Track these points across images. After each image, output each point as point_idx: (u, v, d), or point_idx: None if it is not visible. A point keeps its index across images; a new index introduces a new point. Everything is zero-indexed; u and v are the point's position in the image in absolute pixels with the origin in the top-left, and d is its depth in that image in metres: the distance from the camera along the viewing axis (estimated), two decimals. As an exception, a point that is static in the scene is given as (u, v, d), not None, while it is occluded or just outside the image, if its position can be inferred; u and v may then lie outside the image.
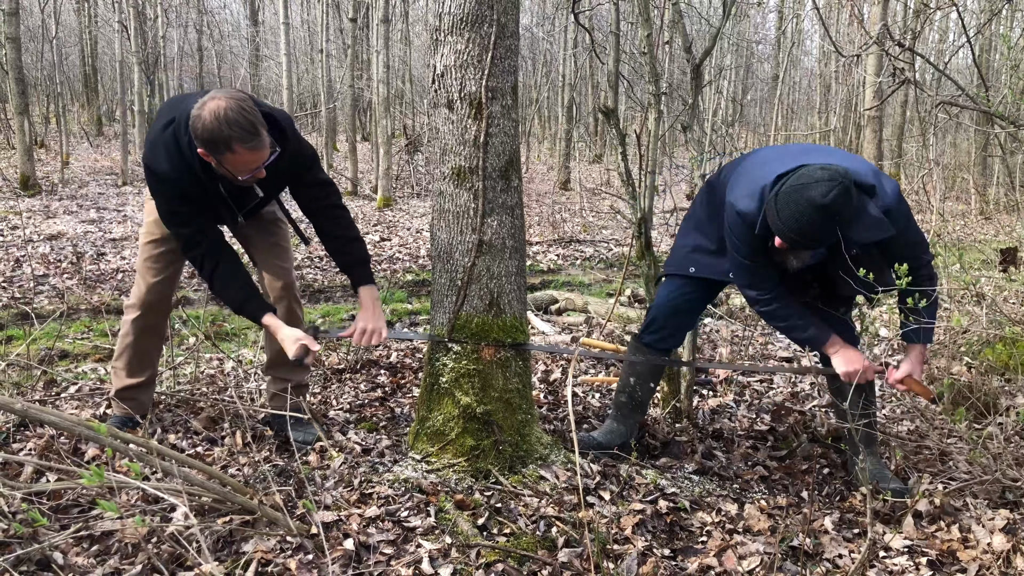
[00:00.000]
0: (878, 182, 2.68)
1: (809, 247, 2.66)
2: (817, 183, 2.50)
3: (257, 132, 2.58)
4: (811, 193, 2.49)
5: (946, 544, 2.64)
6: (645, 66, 3.86)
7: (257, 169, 2.68)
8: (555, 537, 2.54)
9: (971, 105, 4.53)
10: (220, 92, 2.61)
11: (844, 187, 2.49)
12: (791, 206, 2.53)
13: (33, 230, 9.52)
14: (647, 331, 3.26)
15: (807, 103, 27.11)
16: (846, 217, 2.53)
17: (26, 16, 19.11)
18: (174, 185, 2.76)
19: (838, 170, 2.52)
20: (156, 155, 2.74)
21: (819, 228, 2.52)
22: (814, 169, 2.55)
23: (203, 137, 2.56)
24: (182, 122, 2.68)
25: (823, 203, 2.47)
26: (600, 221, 13.02)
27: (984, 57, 18.08)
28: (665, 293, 3.22)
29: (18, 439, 3.09)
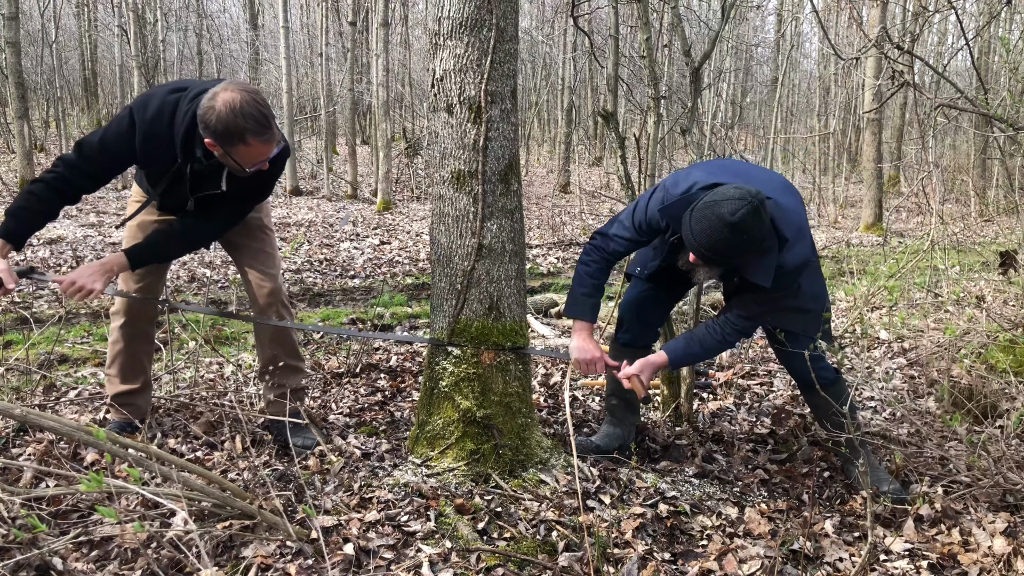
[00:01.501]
0: (794, 240, 2.70)
1: (717, 263, 2.70)
2: (728, 200, 2.53)
3: (270, 125, 2.60)
4: (721, 210, 2.52)
5: (947, 547, 2.64)
6: (644, 69, 3.87)
7: (263, 162, 2.69)
8: (555, 541, 2.53)
9: (970, 108, 4.53)
10: (232, 84, 2.61)
11: (753, 207, 2.51)
12: (702, 221, 2.57)
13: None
14: (619, 331, 3.34)
15: (806, 105, 27.14)
16: (755, 240, 2.56)
17: (26, 20, 19.14)
18: (140, 136, 2.71)
19: (750, 191, 2.55)
20: (146, 106, 2.71)
21: (724, 245, 2.55)
22: (732, 187, 2.59)
23: (216, 128, 2.55)
24: (189, 95, 2.68)
25: (731, 220, 2.50)
26: (600, 224, 13.02)
27: (983, 60, 18.10)
28: (630, 293, 3.31)
29: (18, 444, 3.08)
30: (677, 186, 2.78)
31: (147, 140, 2.73)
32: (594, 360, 2.97)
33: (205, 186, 2.88)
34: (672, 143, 15.32)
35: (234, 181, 2.84)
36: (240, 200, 2.96)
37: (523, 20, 24.76)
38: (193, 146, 2.71)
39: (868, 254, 10.12)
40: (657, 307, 3.31)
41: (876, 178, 13.27)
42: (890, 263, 7.33)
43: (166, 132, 2.71)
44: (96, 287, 2.81)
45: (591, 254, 3.02)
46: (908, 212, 15.60)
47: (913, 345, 5.24)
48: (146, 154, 2.78)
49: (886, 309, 5.97)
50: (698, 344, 2.94)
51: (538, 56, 24.64)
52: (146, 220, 3.08)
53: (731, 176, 2.75)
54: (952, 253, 7.88)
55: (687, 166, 3.14)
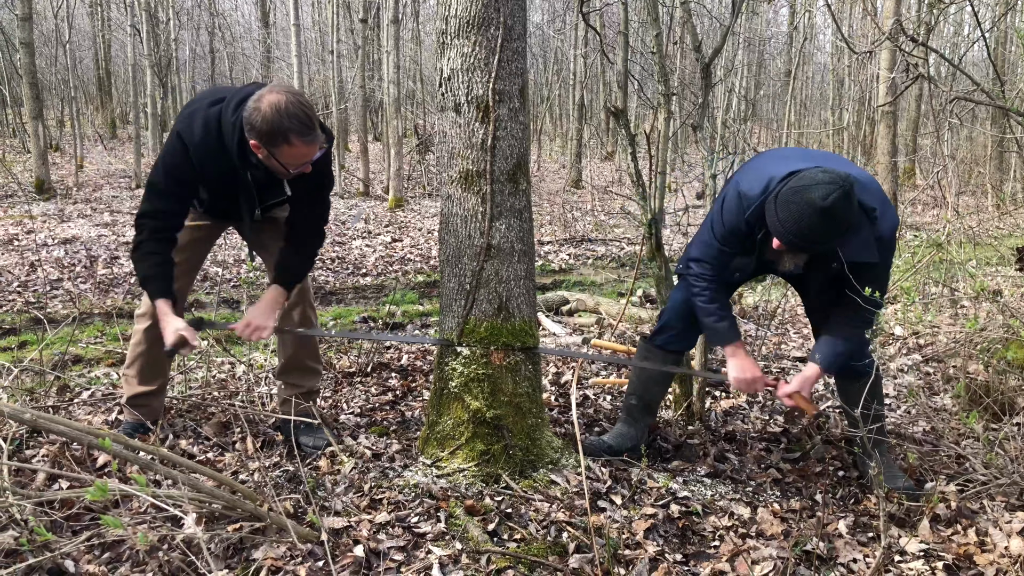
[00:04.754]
0: (882, 209, 2.67)
1: (805, 249, 2.64)
2: (817, 185, 2.48)
3: (313, 126, 2.62)
4: (811, 195, 2.47)
5: (963, 548, 2.61)
6: (655, 65, 3.84)
7: (306, 164, 2.71)
8: (566, 543, 2.52)
9: (986, 101, 4.47)
10: (276, 87, 2.65)
11: (844, 191, 2.47)
12: (790, 207, 2.52)
13: (47, 234, 9.59)
14: (659, 333, 3.24)
15: (820, 98, 26.95)
16: (845, 223, 2.52)
17: (40, 21, 19.27)
18: (193, 156, 2.74)
19: (840, 174, 2.51)
20: (193, 125, 2.74)
21: (817, 230, 2.50)
22: (817, 172, 2.53)
23: (261, 128, 2.58)
24: (232, 104, 2.70)
25: (823, 205, 2.45)
26: (612, 220, 12.98)
27: (999, 51, 17.90)
28: (679, 294, 3.18)
29: (31, 445, 3.10)
30: (753, 187, 2.71)
31: (202, 157, 2.75)
32: (756, 380, 2.92)
33: (270, 194, 2.92)
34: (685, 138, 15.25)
35: (293, 184, 2.87)
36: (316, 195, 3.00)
37: (534, 15, 24.74)
38: (247, 154, 2.73)
39: (883, 248, 10.01)
40: None
41: (891, 171, 13.12)
42: (905, 257, 7.26)
43: (217, 144, 2.73)
44: (269, 324, 2.98)
45: (697, 284, 2.94)
46: (924, 205, 15.46)
47: (929, 341, 5.19)
48: (205, 170, 2.80)
49: (901, 304, 5.91)
50: (843, 342, 2.85)
51: (549, 51, 24.60)
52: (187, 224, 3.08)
53: (801, 162, 2.69)
54: (968, 247, 7.80)
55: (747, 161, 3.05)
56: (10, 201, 12.24)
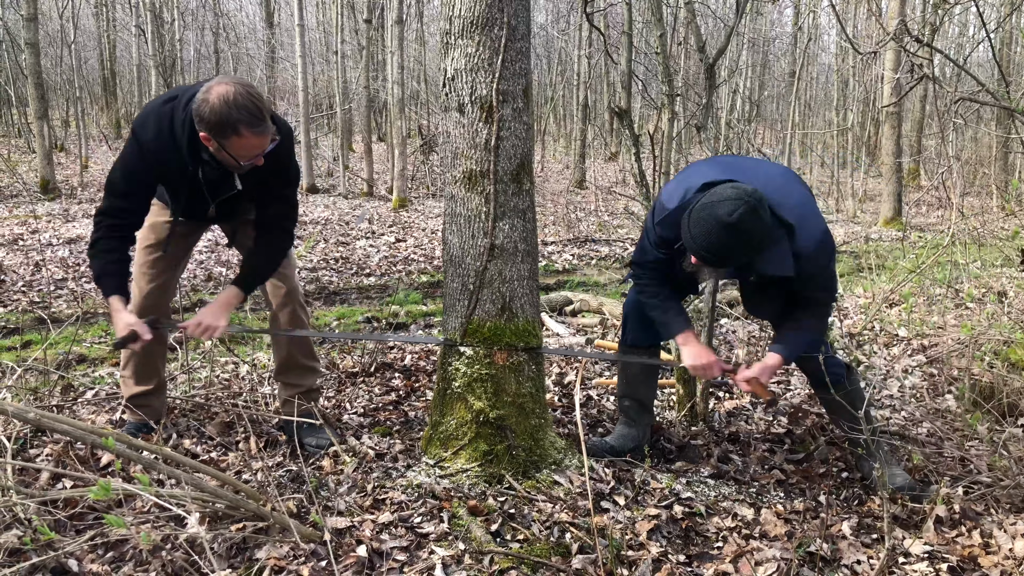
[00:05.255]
0: (801, 223, 2.67)
1: (717, 265, 2.66)
2: (724, 201, 2.50)
3: (263, 117, 2.61)
4: (718, 211, 2.49)
5: (967, 550, 2.60)
6: (659, 66, 3.84)
7: (258, 155, 2.69)
8: (569, 543, 2.52)
9: (991, 101, 4.46)
10: (226, 78, 2.63)
11: (750, 207, 2.48)
12: (700, 223, 2.54)
13: (52, 234, 9.61)
14: (624, 331, 3.33)
15: (824, 99, 26.91)
16: (755, 238, 2.53)
17: (45, 21, 19.31)
18: (149, 155, 2.76)
19: (748, 190, 2.52)
20: (146, 124, 2.75)
21: (725, 246, 2.52)
22: (727, 187, 2.55)
23: (209, 120, 2.57)
24: (182, 102, 2.70)
25: (728, 221, 2.47)
26: (616, 220, 12.97)
27: (1004, 51, 17.87)
28: (630, 294, 3.27)
29: (35, 444, 3.10)
30: (671, 198, 2.77)
31: (156, 155, 2.76)
32: (710, 364, 2.95)
33: (221, 190, 2.91)
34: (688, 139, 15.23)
35: (247, 179, 2.85)
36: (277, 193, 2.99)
37: (538, 16, 24.75)
38: (199, 150, 2.73)
39: (887, 249, 10.02)
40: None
41: (895, 172, 13.14)
42: (909, 258, 7.25)
43: (170, 142, 2.73)
44: (221, 323, 2.95)
45: (640, 281, 3.03)
46: (928, 206, 15.43)
47: (932, 342, 5.17)
48: (161, 169, 2.81)
49: (905, 306, 5.90)
50: (806, 331, 2.90)
51: (553, 52, 24.59)
52: (159, 221, 3.10)
53: (724, 173, 2.72)
54: (973, 248, 7.78)
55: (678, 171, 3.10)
56: (15, 201, 12.28)
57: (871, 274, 7.38)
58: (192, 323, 2.94)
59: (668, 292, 3.03)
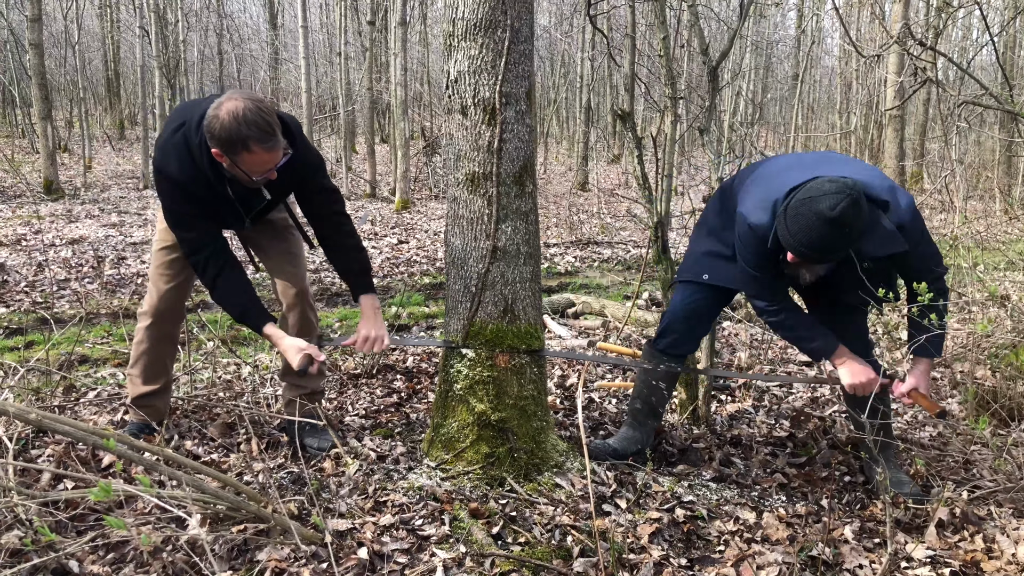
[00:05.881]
0: (892, 197, 2.64)
1: (821, 261, 2.63)
2: (825, 196, 2.46)
3: (274, 132, 2.60)
4: (820, 206, 2.46)
5: (970, 554, 2.59)
6: (662, 68, 3.83)
7: (270, 170, 2.69)
8: (570, 546, 2.51)
9: (995, 105, 4.45)
10: (236, 93, 2.63)
11: (852, 199, 2.45)
12: (800, 220, 2.50)
13: (55, 234, 9.62)
14: (661, 337, 3.24)
15: (828, 102, 26.89)
16: (857, 230, 2.50)
17: (49, 22, 19.36)
18: (183, 188, 2.77)
19: (847, 182, 2.49)
20: (167, 158, 2.76)
21: (829, 241, 2.49)
22: (823, 182, 2.52)
23: (220, 137, 2.57)
24: (193, 125, 2.70)
25: (832, 216, 2.44)
26: (618, 222, 12.97)
27: (1008, 55, 17.84)
28: (679, 299, 3.18)
29: (37, 445, 3.10)
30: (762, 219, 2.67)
31: (186, 186, 2.77)
32: (871, 381, 2.87)
33: (252, 202, 2.92)
34: (691, 142, 15.21)
35: (274, 185, 2.86)
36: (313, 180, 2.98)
37: (541, 18, 24.75)
38: (220, 168, 2.73)
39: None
40: (711, 315, 3.23)
41: (898, 175, 13.11)
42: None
43: (193, 169, 2.74)
44: (384, 332, 3.02)
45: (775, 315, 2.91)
46: (931, 210, 15.38)
47: (936, 346, 5.15)
48: (193, 197, 2.81)
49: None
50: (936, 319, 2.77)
51: (556, 54, 24.60)
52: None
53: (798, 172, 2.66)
54: (976, 251, 7.76)
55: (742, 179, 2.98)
56: (18, 201, 12.30)
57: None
58: (360, 339, 2.99)
59: (804, 316, 2.93)
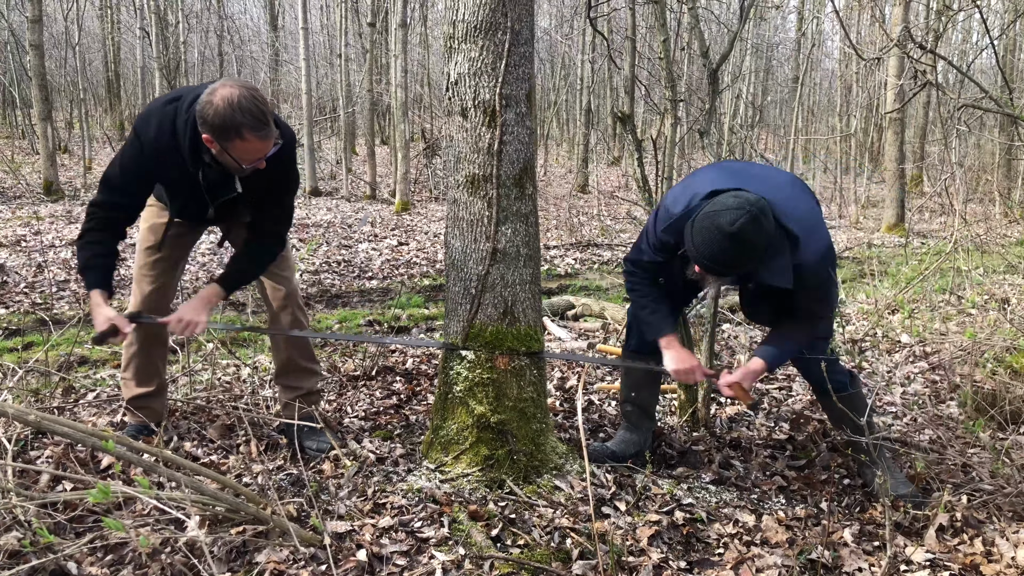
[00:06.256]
0: (805, 234, 2.65)
1: (720, 274, 2.65)
2: (727, 211, 2.49)
3: (267, 121, 2.60)
4: (720, 220, 2.48)
5: (969, 558, 2.59)
6: (662, 71, 3.83)
7: (260, 159, 2.69)
8: (570, 549, 2.51)
9: (994, 108, 4.45)
10: (230, 81, 2.63)
11: (752, 216, 2.46)
12: (703, 232, 2.53)
13: (55, 235, 9.62)
14: (628, 338, 3.30)
15: (828, 105, 26.91)
16: (758, 247, 2.52)
17: (50, 23, 19.37)
18: (150, 155, 2.75)
19: (750, 199, 2.50)
20: (148, 123, 2.75)
21: (728, 256, 2.51)
22: (728, 196, 2.54)
23: (213, 122, 2.56)
24: (185, 103, 2.70)
25: (730, 231, 2.46)
26: (618, 225, 12.97)
27: (1008, 58, 17.86)
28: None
29: (36, 446, 3.10)
30: (676, 203, 2.75)
31: (156, 155, 2.76)
32: (692, 369, 2.93)
33: (220, 192, 2.90)
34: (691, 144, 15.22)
35: (247, 182, 2.85)
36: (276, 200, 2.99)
37: (542, 20, 24.76)
38: (200, 151, 2.73)
39: (890, 255, 10.01)
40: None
41: (898, 178, 13.12)
42: (912, 265, 7.24)
43: (171, 142, 2.73)
44: (201, 319, 2.92)
45: (631, 279, 3.02)
46: (931, 213, 15.41)
47: (935, 349, 5.16)
48: (160, 168, 2.80)
49: (907, 312, 5.89)
50: (790, 339, 2.90)
51: (557, 56, 24.62)
52: (158, 223, 3.10)
53: (731, 180, 2.70)
54: (975, 255, 7.77)
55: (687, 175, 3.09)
56: (18, 202, 12.30)
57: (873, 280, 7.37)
58: (173, 318, 2.92)
59: (657, 294, 3.01)
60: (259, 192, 2.93)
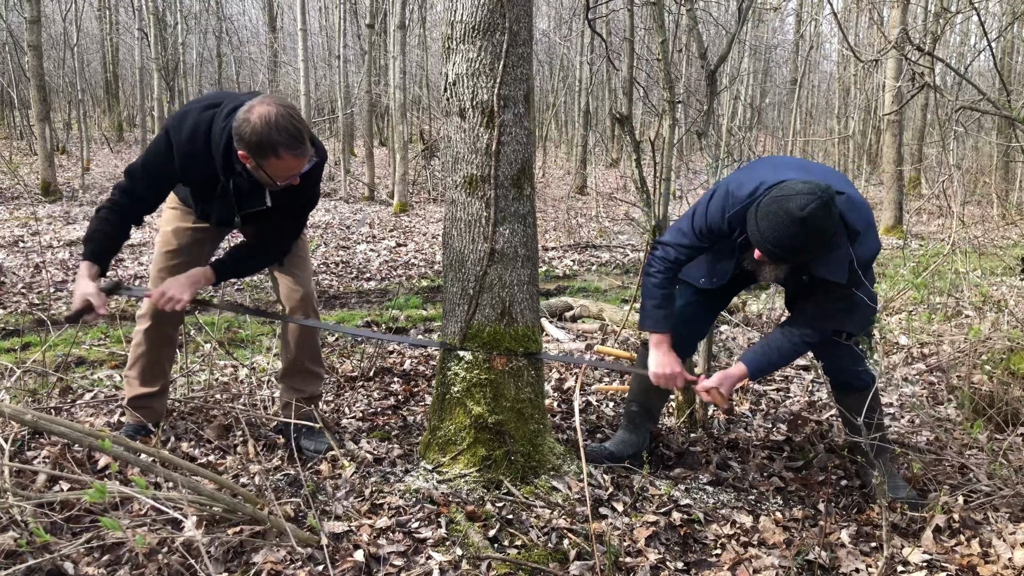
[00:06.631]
0: (865, 233, 2.65)
1: (784, 260, 2.62)
2: (797, 195, 2.46)
3: (303, 140, 2.62)
4: (789, 204, 2.45)
5: (966, 559, 2.59)
6: (660, 72, 3.84)
7: (294, 176, 2.70)
8: (567, 550, 2.51)
9: (992, 110, 4.46)
10: (269, 98, 2.64)
11: (823, 202, 2.45)
12: (769, 216, 2.50)
13: (53, 236, 9.62)
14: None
15: (826, 107, 26.94)
16: (825, 234, 2.50)
17: (48, 24, 19.35)
18: (179, 159, 2.76)
19: (820, 185, 2.48)
20: (183, 126, 2.75)
21: (794, 240, 2.48)
22: (796, 182, 2.52)
23: (250, 140, 2.57)
24: (224, 111, 2.70)
25: (800, 215, 2.44)
26: (616, 226, 12.98)
27: (1006, 61, 17.89)
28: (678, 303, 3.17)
29: (33, 447, 3.10)
30: (742, 188, 2.68)
31: (186, 158, 2.76)
32: (674, 375, 2.90)
33: (249, 202, 2.91)
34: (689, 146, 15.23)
35: (277, 196, 2.86)
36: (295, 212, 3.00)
37: (541, 22, 24.78)
38: (232, 162, 2.73)
39: (888, 257, 10.01)
40: (706, 319, 3.21)
41: (896, 180, 13.14)
42: (910, 266, 7.25)
43: (203, 149, 2.74)
44: (184, 297, 2.88)
45: (654, 264, 2.92)
46: (929, 215, 15.43)
47: (933, 350, 5.17)
48: (187, 172, 2.81)
49: (906, 313, 5.90)
50: (776, 351, 2.86)
51: (555, 58, 24.63)
52: (180, 227, 3.12)
53: (796, 172, 2.67)
54: (973, 257, 7.77)
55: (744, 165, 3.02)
56: (16, 203, 12.29)
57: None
58: (156, 292, 2.89)
59: (672, 287, 2.95)
60: (285, 203, 2.95)
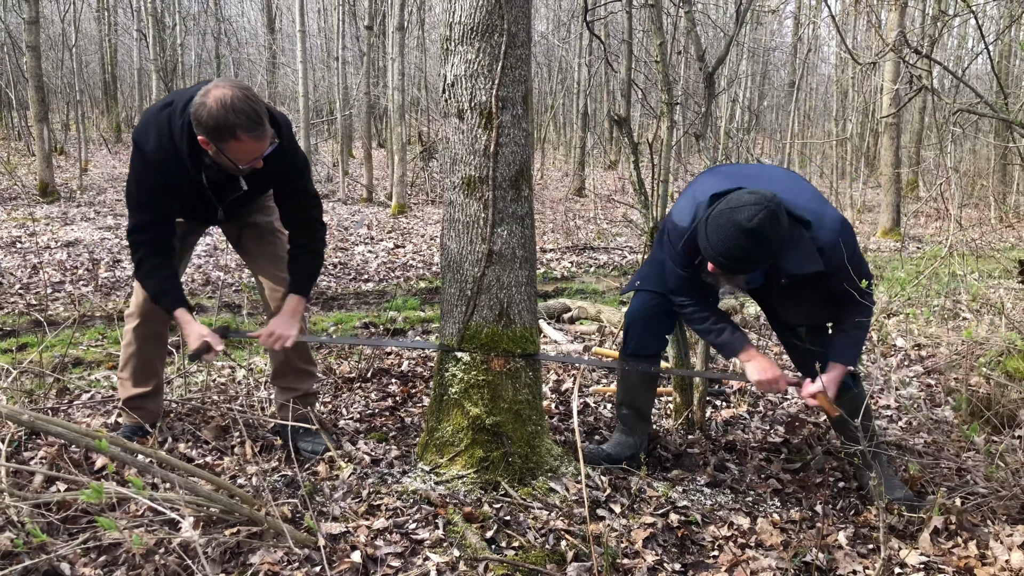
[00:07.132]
0: (816, 217, 2.66)
1: (737, 271, 2.65)
2: (744, 207, 2.48)
3: (261, 121, 2.60)
4: (737, 217, 2.48)
5: (963, 561, 2.59)
6: (658, 74, 3.84)
7: (256, 159, 2.69)
8: (564, 551, 2.51)
9: (989, 113, 4.47)
10: (224, 81, 2.63)
11: (770, 211, 2.47)
12: (718, 230, 2.53)
13: (50, 237, 9.60)
14: (627, 341, 3.27)
15: (824, 109, 26.95)
16: (775, 243, 2.52)
17: (47, 25, 19.33)
18: (154, 166, 2.76)
19: (766, 195, 2.51)
20: (147, 134, 2.76)
21: (745, 252, 2.51)
22: (743, 193, 2.54)
23: (207, 124, 2.56)
24: (179, 107, 2.70)
25: (748, 227, 2.46)
26: (614, 228, 12.98)
27: (1003, 64, 17.93)
28: (638, 302, 3.22)
29: (29, 447, 3.09)
30: (683, 217, 2.75)
31: (160, 164, 2.76)
32: (776, 379, 2.90)
33: (226, 191, 2.90)
34: (687, 148, 15.23)
35: (252, 178, 2.85)
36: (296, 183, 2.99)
37: (539, 24, 24.80)
38: (199, 154, 2.72)
39: (886, 260, 10.02)
40: (668, 316, 3.23)
41: (894, 183, 13.16)
42: (908, 269, 7.26)
43: (171, 150, 2.73)
44: (292, 332, 3.03)
45: (684, 310, 2.99)
46: (926, 217, 15.45)
47: (930, 353, 5.17)
48: (165, 177, 2.80)
49: (903, 316, 5.90)
50: (854, 341, 2.88)
51: (554, 60, 24.64)
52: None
53: (728, 182, 2.70)
54: (971, 259, 7.78)
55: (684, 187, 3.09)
56: (14, 203, 12.27)
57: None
58: (264, 333, 3.00)
59: (717, 312, 2.98)
60: (269, 185, 2.95)
